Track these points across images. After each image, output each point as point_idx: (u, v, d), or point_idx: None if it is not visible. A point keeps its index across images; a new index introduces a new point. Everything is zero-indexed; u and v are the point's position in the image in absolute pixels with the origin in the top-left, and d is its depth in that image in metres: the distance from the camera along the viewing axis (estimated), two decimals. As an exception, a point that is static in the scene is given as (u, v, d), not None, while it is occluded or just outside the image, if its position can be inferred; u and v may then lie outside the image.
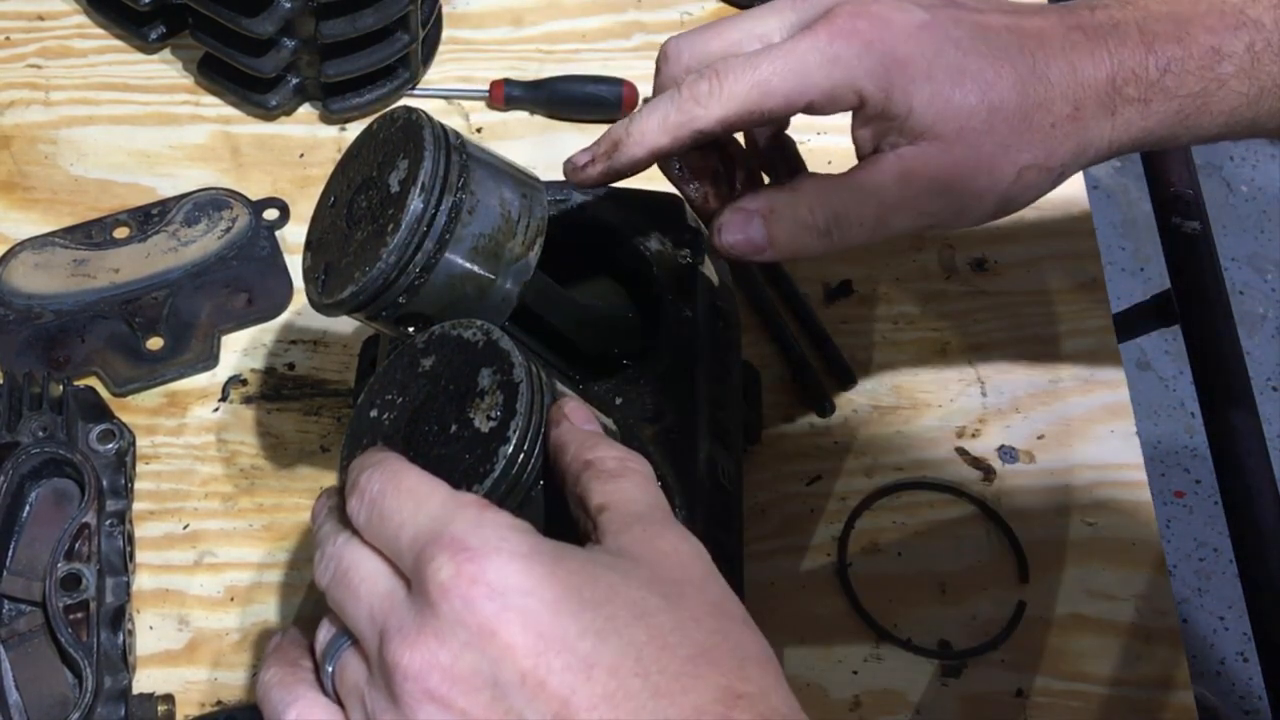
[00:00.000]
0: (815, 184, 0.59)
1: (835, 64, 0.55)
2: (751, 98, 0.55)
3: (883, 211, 0.58)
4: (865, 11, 0.56)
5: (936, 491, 0.76)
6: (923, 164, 0.57)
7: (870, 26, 0.55)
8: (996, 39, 0.57)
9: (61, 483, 0.70)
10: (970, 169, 0.57)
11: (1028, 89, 0.56)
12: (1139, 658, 0.71)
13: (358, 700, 0.45)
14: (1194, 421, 1.91)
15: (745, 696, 0.43)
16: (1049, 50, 0.57)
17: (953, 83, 0.56)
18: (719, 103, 0.56)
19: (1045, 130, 0.57)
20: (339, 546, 0.48)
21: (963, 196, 0.58)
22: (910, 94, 0.55)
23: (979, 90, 0.56)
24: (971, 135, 0.56)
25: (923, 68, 0.55)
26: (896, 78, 0.55)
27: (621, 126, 0.58)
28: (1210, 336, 0.86)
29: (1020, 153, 0.57)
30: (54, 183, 0.87)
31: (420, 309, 0.56)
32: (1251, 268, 2.10)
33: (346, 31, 0.84)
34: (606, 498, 0.48)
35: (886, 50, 0.55)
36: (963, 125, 0.56)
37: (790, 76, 0.55)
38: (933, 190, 0.57)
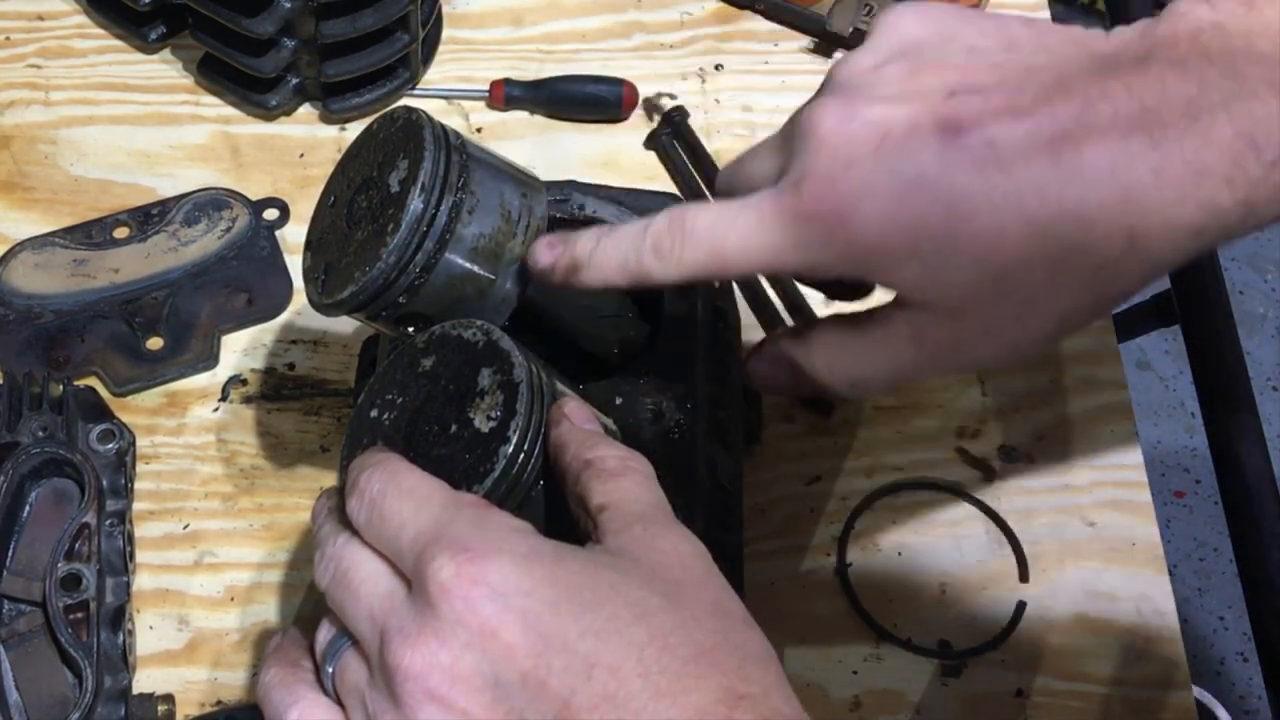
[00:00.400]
0: (829, 338, 0.53)
1: (799, 248, 0.48)
2: (708, 266, 0.50)
3: (900, 371, 0.52)
4: (833, 189, 0.47)
5: (936, 491, 0.76)
6: (934, 330, 0.50)
7: (836, 208, 0.47)
8: (1005, 180, 0.45)
9: (61, 483, 0.70)
10: (994, 332, 0.49)
11: (1051, 238, 0.46)
12: (1139, 658, 0.71)
13: (358, 701, 0.45)
14: (1194, 421, 1.91)
15: (747, 697, 0.43)
16: (1090, 172, 0.45)
17: (943, 257, 0.47)
18: (675, 267, 0.51)
19: (1087, 273, 0.46)
20: (339, 547, 0.48)
21: (990, 350, 0.50)
22: (892, 277, 0.48)
23: (976, 257, 0.46)
24: (980, 306, 0.48)
25: (903, 246, 0.47)
26: (872, 264, 0.48)
27: (587, 246, 0.53)
28: (1210, 336, 0.86)
29: (1054, 302, 0.48)
30: (54, 183, 0.87)
31: (420, 309, 0.56)
32: (1251, 268, 2.10)
33: (346, 31, 0.84)
34: (607, 497, 0.48)
35: (858, 235, 0.47)
36: (964, 298, 0.48)
37: (751, 254, 0.49)
38: (953, 351, 0.50)
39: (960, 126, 0.46)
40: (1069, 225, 0.45)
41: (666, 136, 0.89)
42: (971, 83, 0.47)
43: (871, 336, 0.51)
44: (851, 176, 0.47)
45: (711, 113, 0.91)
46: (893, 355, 0.51)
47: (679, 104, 0.90)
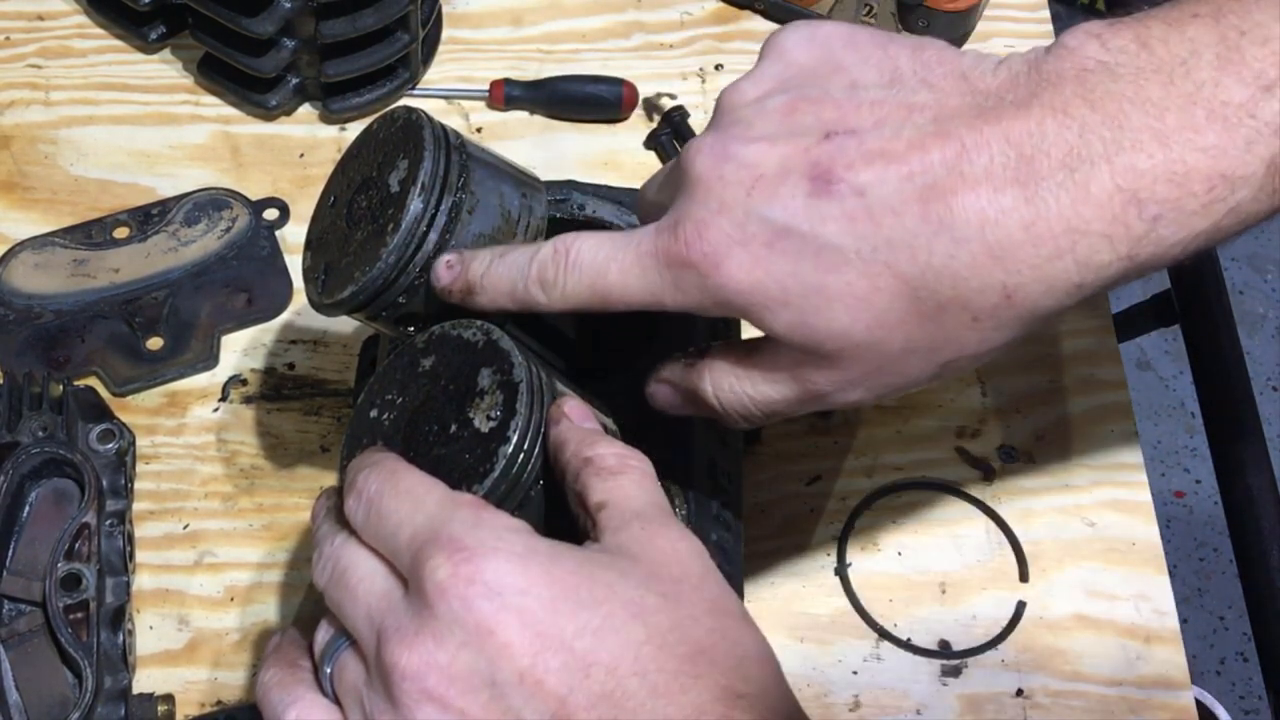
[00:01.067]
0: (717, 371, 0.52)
1: (676, 289, 0.48)
2: (589, 300, 0.50)
3: (785, 407, 0.51)
4: (704, 233, 0.47)
5: (936, 491, 0.76)
6: (814, 373, 0.49)
7: (705, 256, 0.47)
8: (875, 232, 0.45)
9: (61, 483, 0.70)
10: (871, 376, 0.48)
11: (923, 293, 0.45)
12: (1139, 658, 0.71)
13: (356, 701, 0.45)
14: (1194, 421, 1.91)
15: (745, 696, 0.43)
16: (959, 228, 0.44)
17: (814, 306, 0.46)
18: (559, 298, 0.51)
19: (964, 326, 0.46)
20: (337, 546, 0.48)
21: (870, 392, 0.49)
22: (765, 321, 0.48)
23: (848, 310, 0.46)
24: (857, 354, 0.47)
25: (774, 294, 0.46)
26: (746, 306, 0.47)
27: (478, 270, 0.53)
28: (1210, 336, 0.86)
29: (933, 353, 0.47)
30: (54, 183, 0.87)
31: (420, 309, 0.56)
32: (1251, 268, 2.10)
33: (346, 31, 0.84)
34: (606, 495, 0.48)
35: (728, 281, 0.47)
36: (841, 346, 0.47)
37: (631, 291, 0.49)
38: (836, 391, 0.49)
39: (831, 174, 0.46)
40: (940, 281, 0.45)
41: (666, 136, 0.89)
42: (848, 123, 0.47)
43: (758, 371, 0.51)
44: (722, 222, 0.47)
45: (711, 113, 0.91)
46: (777, 391, 0.51)
47: (679, 104, 0.90)
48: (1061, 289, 0.45)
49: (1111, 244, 0.44)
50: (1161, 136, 0.43)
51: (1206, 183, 0.43)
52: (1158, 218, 0.43)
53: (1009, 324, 0.46)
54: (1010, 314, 0.46)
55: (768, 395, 0.51)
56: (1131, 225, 0.43)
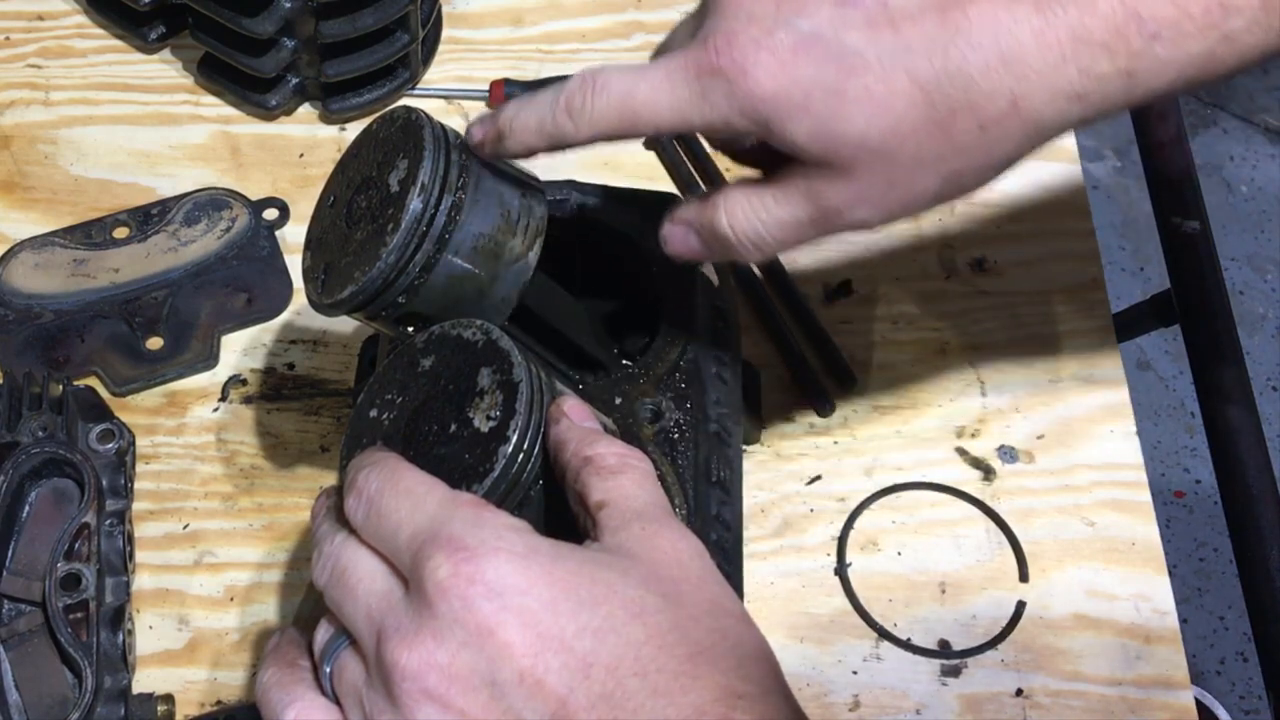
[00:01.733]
0: (733, 199, 0.54)
1: (704, 102, 0.50)
2: (618, 124, 0.52)
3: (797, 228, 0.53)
4: (734, 41, 0.50)
5: (936, 491, 0.76)
6: (827, 189, 0.51)
7: (735, 62, 0.49)
8: (894, 38, 0.48)
9: (61, 483, 0.70)
10: (881, 190, 0.51)
11: (936, 97, 0.48)
12: (1139, 658, 0.71)
13: (356, 700, 0.45)
14: (1194, 421, 1.91)
15: (745, 696, 0.43)
16: (974, 33, 0.48)
17: (833, 110, 0.49)
18: (587, 124, 0.53)
19: (971, 134, 0.49)
20: (337, 546, 0.48)
21: (879, 208, 0.52)
22: (787, 129, 0.50)
23: (866, 114, 0.49)
24: (871, 162, 0.50)
25: (797, 99, 0.49)
26: (769, 114, 0.50)
27: (509, 115, 0.55)
28: (1210, 336, 0.86)
29: (940, 162, 0.50)
30: (54, 183, 0.87)
31: (420, 309, 0.56)
32: (1251, 268, 2.10)
33: (346, 31, 0.84)
34: (606, 494, 0.48)
35: (755, 86, 0.49)
36: (857, 152, 0.50)
37: (660, 110, 0.51)
38: (844, 208, 0.52)
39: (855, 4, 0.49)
40: (953, 85, 0.48)
41: (666, 136, 0.89)
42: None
43: (771, 193, 0.53)
44: (751, 31, 0.50)
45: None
46: (790, 213, 0.52)
47: (679, 104, 0.90)
48: (1064, 97, 0.48)
49: (1111, 56, 0.47)
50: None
51: (1203, 7, 0.47)
52: (1155, 35, 0.47)
53: (1013, 134, 0.49)
54: (1015, 123, 0.49)
55: (781, 217, 0.53)
56: (1131, 40, 0.47)
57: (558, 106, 0.53)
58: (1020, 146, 0.50)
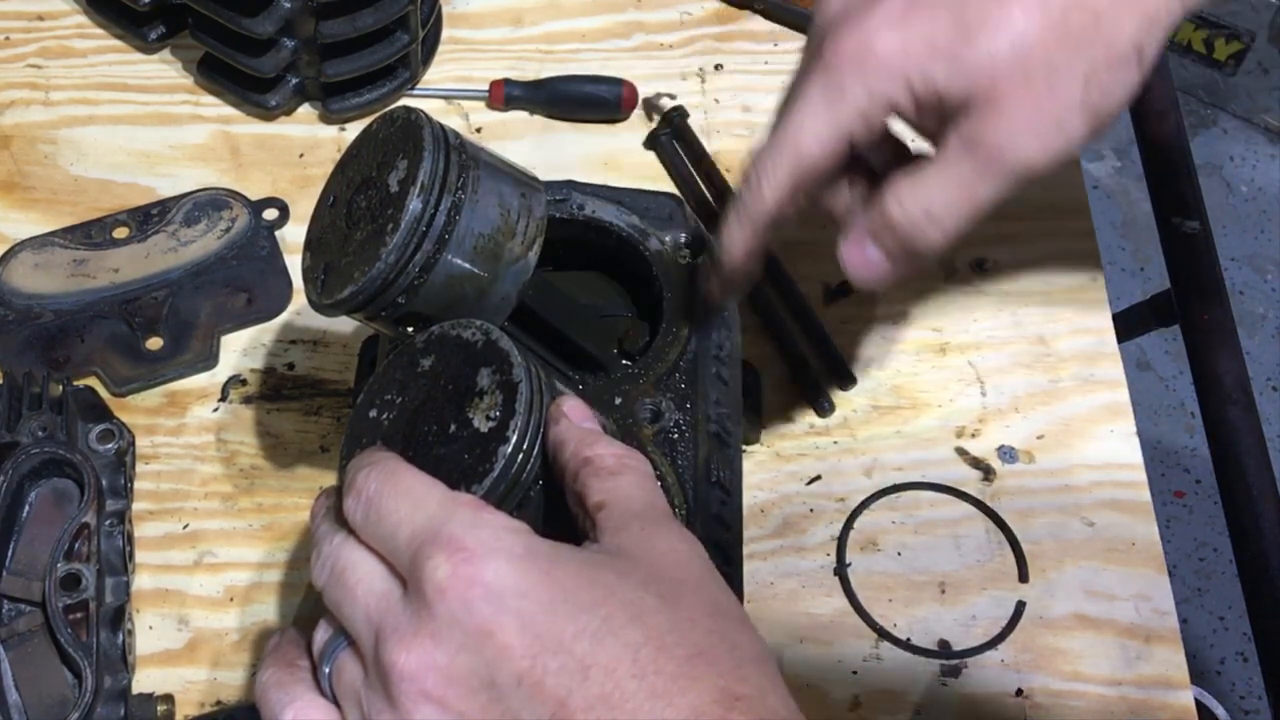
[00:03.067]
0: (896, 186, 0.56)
1: (846, 96, 0.54)
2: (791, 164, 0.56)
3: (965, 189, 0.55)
4: (848, 33, 0.54)
5: (936, 491, 0.76)
6: (981, 126, 0.53)
7: (855, 44, 0.54)
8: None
9: (61, 483, 0.70)
10: (1031, 109, 0.53)
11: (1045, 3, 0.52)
12: (1139, 658, 0.71)
13: (354, 701, 0.45)
14: (1194, 421, 1.91)
15: (743, 698, 0.43)
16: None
17: (961, 43, 0.53)
18: (767, 183, 0.56)
19: (1089, 28, 0.52)
20: (336, 546, 0.48)
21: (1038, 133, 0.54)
22: (928, 76, 0.53)
23: (989, 35, 0.52)
24: (1011, 80, 0.53)
25: (924, 48, 0.53)
26: (904, 70, 0.53)
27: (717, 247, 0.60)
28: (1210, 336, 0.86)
29: (1073, 64, 0.53)
30: (54, 183, 0.87)
31: (420, 309, 0.56)
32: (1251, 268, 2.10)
33: (346, 31, 0.84)
34: (605, 495, 0.48)
35: (881, 55, 0.53)
36: (995, 75, 0.53)
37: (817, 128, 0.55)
38: (1003, 143, 0.54)
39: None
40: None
41: (666, 136, 0.89)
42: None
43: (934, 164, 0.55)
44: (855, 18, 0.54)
45: (711, 113, 0.91)
46: (955, 171, 0.54)
47: (679, 104, 0.90)
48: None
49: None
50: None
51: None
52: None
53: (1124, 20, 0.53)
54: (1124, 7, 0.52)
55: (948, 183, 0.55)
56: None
57: (739, 196, 0.57)
58: (1135, 34, 0.53)
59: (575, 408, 0.52)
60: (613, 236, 0.67)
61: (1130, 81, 0.54)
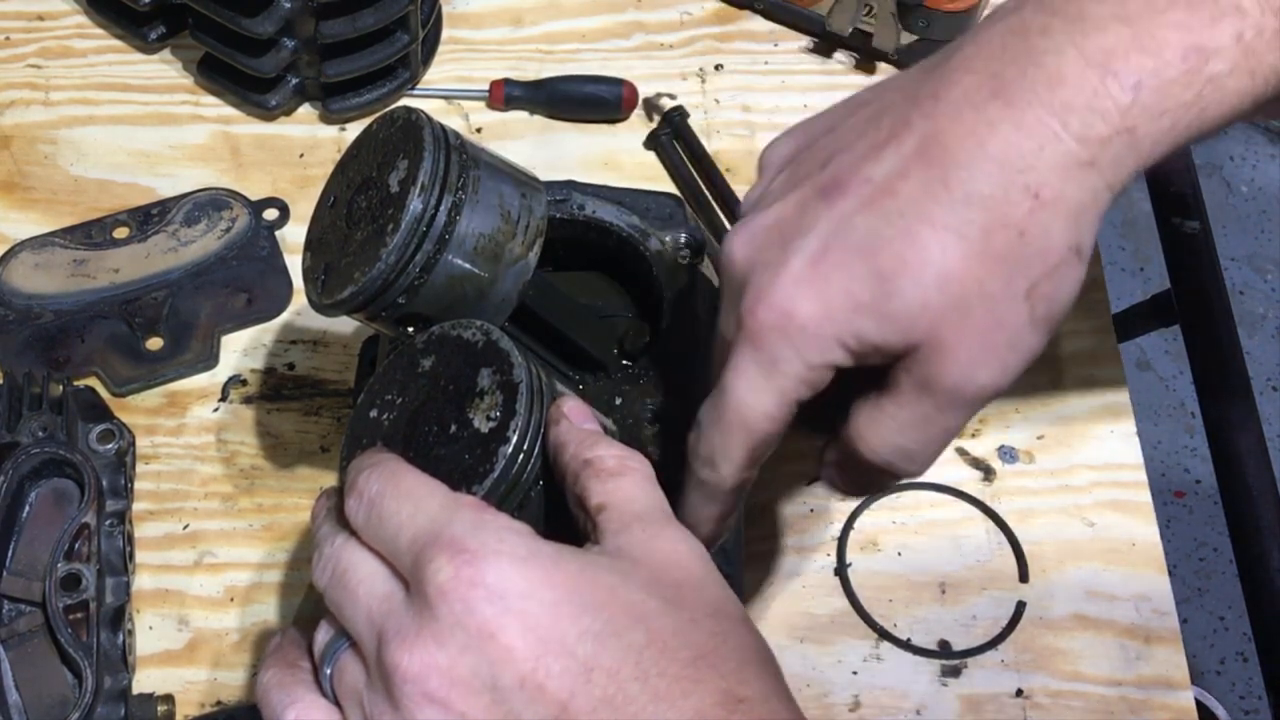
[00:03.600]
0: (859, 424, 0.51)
1: (779, 366, 0.49)
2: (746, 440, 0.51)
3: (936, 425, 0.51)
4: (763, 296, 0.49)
5: (936, 491, 0.76)
6: (930, 368, 0.49)
7: (771, 310, 0.48)
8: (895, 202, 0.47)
9: (61, 483, 0.70)
10: (980, 343, 0.48)
11: (963, 229, 0.46)
12: (1139, 658, 0.71)
13: (356, 702, 0.45)
14: (1194, 421, 1.91)
15: (746, 700, 0.43)
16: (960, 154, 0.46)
17: (884, 298, 0.47)
18: (726, 465, 0.52)
19: (1016, 243, 0.47)
20: (337, 547, 0.48)
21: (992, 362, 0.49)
22: (860, 336, 0.48)
23: (913, 281, 0.47)
24: (949, 323, 0.47)
25: (846, 307, 0.48)
26: (835, 334, 0.48)
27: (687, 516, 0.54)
28: (1210, 336, 0.86)
29: (1009, 284, 0.47)
30: (54, 183, 0.87)
31: (420, 309, 0.56)
32: (1251, 268, 2.10)
33: (346, 31, 0.84)
34: (606, 496, 0.48)
35: (806, 322, 0.48)
36: (930, 320, 0.47)
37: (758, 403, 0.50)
38: (960, 381, 0.49)
39: (839, 182, 0.49)
40: (970, 209, 0.46)
41: (666, 136, 0.89)
42: (837, 148, 0.50)
43: (891, 402, 0.50)
44: (771, 276, 0.49)
45: (711, 113, 0.91)
46: (915, 411, 0.50)
47: (679, 104, 0.90)
48: (1075, 168, 0.46)
49: (1102, 116, 0.46)
50: (1126, 19, 0.46)
51: (1179, 53, 0.45)
52: (1139, 85, 0.45)
53: (1052, 224, 0.47)
54: (1047, 213, 0.47)
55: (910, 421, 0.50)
56: (1115, 95, 0.46)
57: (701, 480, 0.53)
58: (1067, 233, 0.47)
59: (576, 408, 0.52)
60: (613, 236, 0.67)
61: (1076, 279, 0.48)
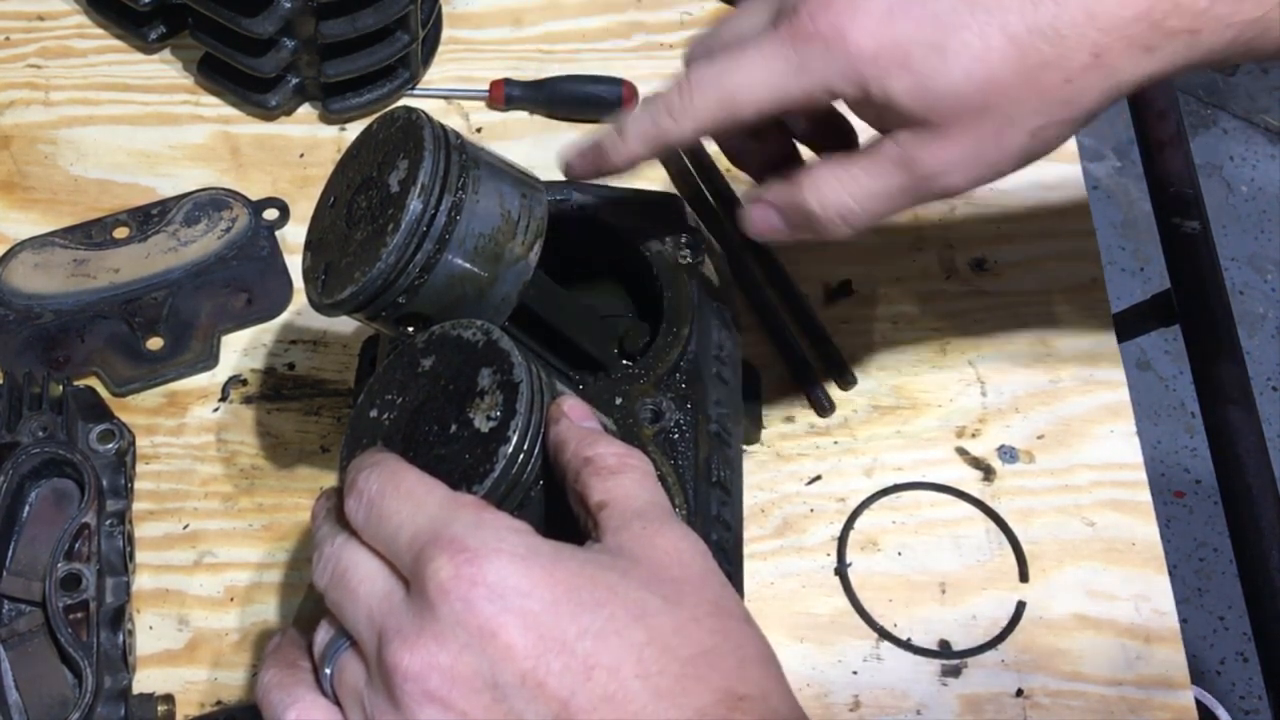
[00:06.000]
0: (819, 175, 0.55)
1: (802, 71, 0.52)
2: (719, 112, 0.54)
3: (886, 197, 0.55)
4: (830, 6, 0.52)
5: (936, 491, 0.76)
6: (921, 150, 0.53)
7: (833, 24, 0.52)
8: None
9: (61, 483, 0.70)
10: (973, 147, 0.53)
11: (1028, 51, 0.51)
12: (1139, 658, 0.71)
13: (357, 702, 0.45)
14: (1194, 421, 1.91)
15: (746, 698, 0.43)
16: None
17: (933, 67, 0.51)
18: (689, 118, 0.54)
19: (1057, 87, 0.52)
20: (337, 547, 0.48)
21: (971, 170, 0.54)
22: (887, 87, 0.52)
23: (964, 69, 0.51)
24: (967, 116, 0.52)
25: (897, 56, 0.51)
26: (869, 73, 0.52)
27: (609, 134, 0.57)
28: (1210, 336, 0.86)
29: (1029, 117, 0.52)
30: (54, 183, 0.87)
31: (420, 309, 0.56)
32: (1251, 268, 2.10)
33: (346, 31, 0.84)
34: (606, 494, 0.48)
35: (854, 47, 0.51)
36: (954, 108, 0.52)
37: (758, 88, 0.53)
38: (938, 172, 0.54)
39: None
40: (1044, 39, 0.51)
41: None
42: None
43: (860, 165, 0.54)
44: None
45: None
46: (881, 181, 0.54)
47: (679, 104, 0.90)
48: (1139, 49, 0.51)
49: (1179, 12, 0.51)
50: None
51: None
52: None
53: (1094, 87, 0.52)
54: (1096, 75, 0.52)
55: (872, 188, 0.54)
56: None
57: (658, 110, 0.55)
58: (1098, 100, 0.52)
59: (576, 407, 0.52)
60: (613, 236, 0.67)
61: (1070, 135, 0.54)
